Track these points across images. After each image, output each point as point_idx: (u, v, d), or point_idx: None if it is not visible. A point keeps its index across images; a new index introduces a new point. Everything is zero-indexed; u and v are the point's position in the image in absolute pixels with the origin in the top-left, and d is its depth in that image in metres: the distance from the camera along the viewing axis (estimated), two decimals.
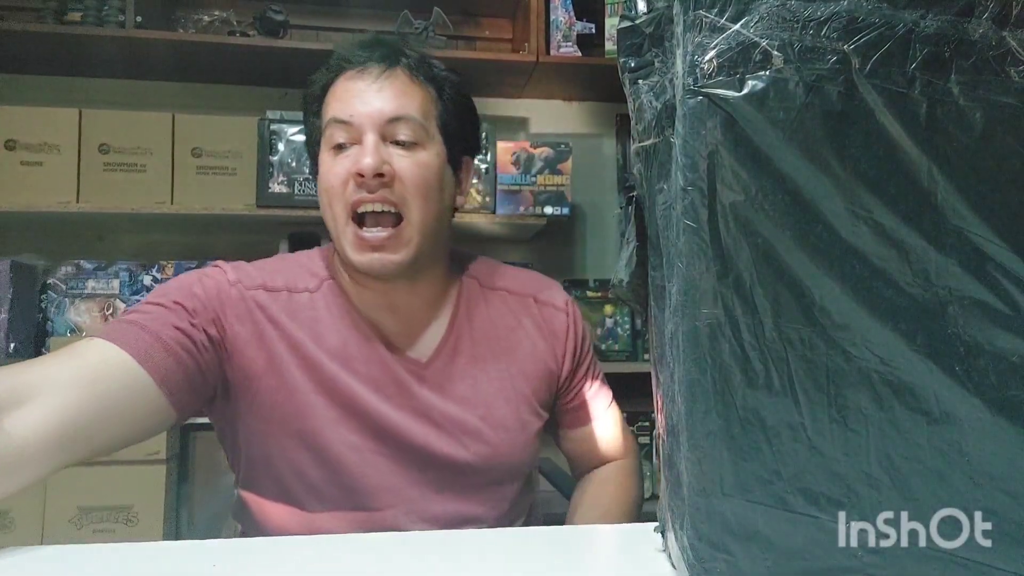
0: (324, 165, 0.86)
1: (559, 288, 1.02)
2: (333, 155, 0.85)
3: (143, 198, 1.94)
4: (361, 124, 0.83)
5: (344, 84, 0.86)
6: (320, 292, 0.88)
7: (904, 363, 0.43)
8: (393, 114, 0.84)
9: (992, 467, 0.43)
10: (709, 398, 0.43)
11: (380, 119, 0.83)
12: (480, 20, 2.38)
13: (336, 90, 0.86)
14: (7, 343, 1.84)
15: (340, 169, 0.83)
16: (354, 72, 0.86)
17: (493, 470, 0.89)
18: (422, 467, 0.87)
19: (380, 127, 0.83)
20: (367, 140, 0.83)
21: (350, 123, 0.83)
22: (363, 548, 0.59)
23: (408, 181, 0.83)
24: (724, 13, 0.43)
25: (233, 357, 0.83)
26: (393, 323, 0.89)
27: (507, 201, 2.12)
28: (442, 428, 0.87)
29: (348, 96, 0.85)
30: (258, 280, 0.87)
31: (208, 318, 0.81)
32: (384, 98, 0.84)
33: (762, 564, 0.43)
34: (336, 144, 0.84)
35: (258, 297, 0.85)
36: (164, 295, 0.81)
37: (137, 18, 1.94)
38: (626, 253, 0.56)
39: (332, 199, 0.84)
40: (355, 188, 0.82)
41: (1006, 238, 0.43)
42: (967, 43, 0.42)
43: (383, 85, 0.85)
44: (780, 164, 0.42)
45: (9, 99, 2.04)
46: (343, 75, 0.86)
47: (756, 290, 0.43)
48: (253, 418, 0.85)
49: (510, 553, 0.57)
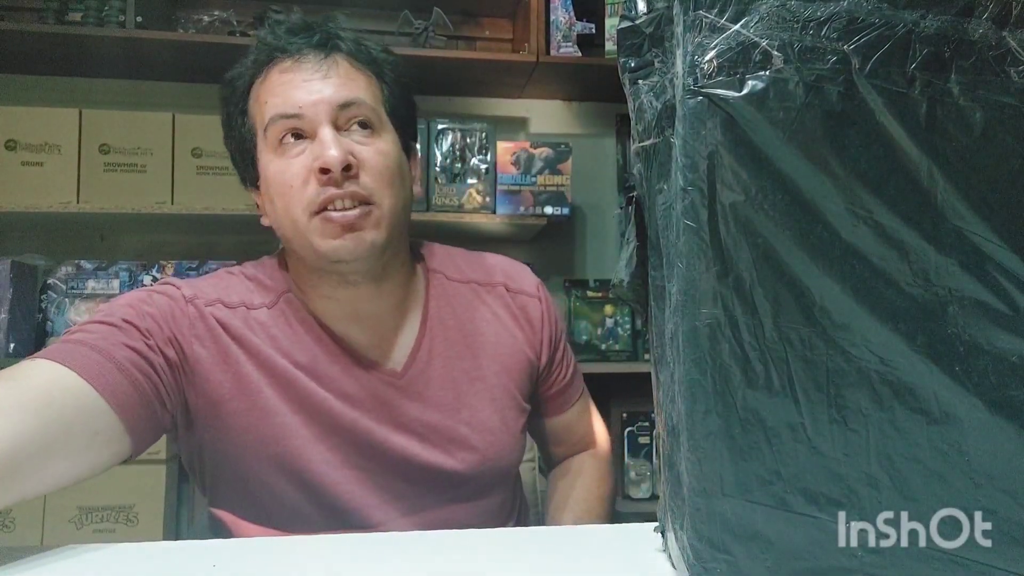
0: (271, 167, 0.78)
1: (528, 272, 0.97)
2: (281, 154, 0.77)
3: (143, 198, 1.94)
4: (312, 116, 0.76)
5: (279, 76, 0.78)
6: (278, 307, 0.82)
7: (904, 363, 0.43)
8: (344, 100, 0.76)
9: (992, 467, 0.43)
10: (709, 398, 0.43)
11: (331, 107, 0.76)
12: (480, 20, 2.38)
13: (269, 84, 0.78)
14: (7, 343, 1.84)
15: (297, 168, 0.76)
16: (289, 63, 0.78)
17: (482, 476, 0.86)
18: (408, 480, 0.82)
19: (332, 116, 0.76)
20: (323, 132, 0.75)
21: (299, 115, 0.76)
22: (363, 548, 0.59)
23: (373, 171, 0.77)
24: (724, 13, 0.43)
25: (196, 381, 0.77)
26: (361, 334, 0.83)
27: (507, 201, 2.12)
28: (426, 439, 0.83)
29: (288, 88, 0.77)
30: (213, 295, 0.80)
31: (164, 338, 0.74)
32: (331, 84, 0.77)
33: (762, 564, 0.43)
34: (281, 141, 0.77)
35: (216, 313, 0.79)
36: (110, 314, 0.73)
37: (137, 18, 1.94)
38: (626, 253, 0.56)
39: (290, 202, 0.76)
40: (318, 186, 0.74)
41: (1006, 238, 0.43)
42: (967, 43, 0.42)
43: (327, 71, 0.77)
44: (780, 164, 0.42)
45: (9, 99, 2.04)
46: (275, 67, 0.78)
47: (756, 290, 0.43)
48: (224, 443, 0.79)
49: (510, 553, 0.57)
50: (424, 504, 0.84)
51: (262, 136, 0.79)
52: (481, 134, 2.15)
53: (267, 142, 0.78)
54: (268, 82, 0.79)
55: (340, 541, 0.62)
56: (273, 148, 0.78)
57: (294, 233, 0.78)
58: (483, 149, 2.14)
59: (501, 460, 0.88)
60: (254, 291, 0.83)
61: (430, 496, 0.84)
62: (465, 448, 0.85)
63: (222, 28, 2.07)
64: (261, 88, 0.79)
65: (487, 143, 2.14)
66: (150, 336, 0.73)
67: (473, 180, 2.12)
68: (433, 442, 0.84)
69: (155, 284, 0.81)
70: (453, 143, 2.13)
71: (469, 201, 2.10)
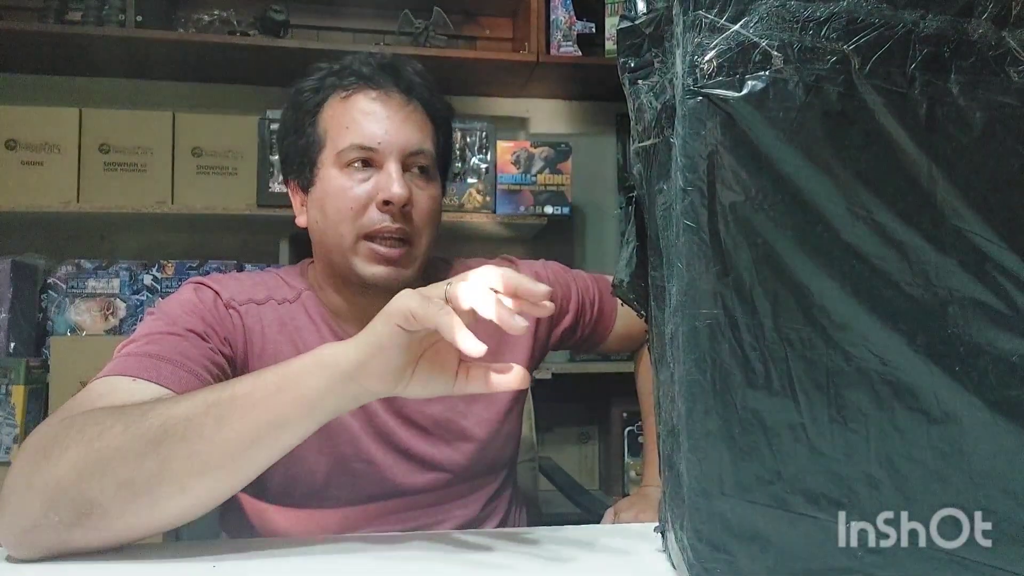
0: (335, 182, 0.84)
1: (521, 265, 1.01)
2: (348, 175, 0.83)
3: (144, 198, 1.94)
4: (386, 151, 0.83)
5: (365, 104, 0.85)
6: (299, 302, 0.88)
7: (904, 363, 0.43)
8: (416, 147, 0.85)
9: (992, 467, 0.43)
10: (709, 398, 0.43)
11: (405, 150, 0.84)
12: (480, 20, 2.37)
13: (352, 106, 0.85)
14: (7, 343, 1.84)
15: (359, 192, 0.82)
16: (375, 94, 0.85)
17: (477, 465, 0.90)
18: (408, 471, 0.87)
19: (402, 156, 0.84)
20: (391, 168, 0.82)
21: (375, 150, 0.83)
22: (363, 548, 0.60)
23: (423, 213, 0.85)
24: (724, 13, 0.43)
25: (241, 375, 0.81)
26: None
27: (507, 201, 2.11)
28: (428, 431, 0.88)
29: (371, 120, 0.84)
30: (244, 295, 0.85)
31: (219, 339, 0.79)
32: (409, 130, 0.85)
33: (762, 564, 0.43)
34: (351, 163, 0.83)
35: (251, 312, 0.84)
36: (172, 323, 0.76)
37: (137, 18, 1.94)
38: (626, 253, 0.56)
39: (343, 219, 0.82)
40: (375, 215, 0.82)
41: (1006, 238, 0.43)
42: (967, 43, 0.42)
43: (407, 115, 0.85)
44: (780, 164, 0.42)
45: (9, 99, 2.04)
46: (360, 93, 0.85)
47: (756, 290, 0.43)
48: None
49: (510, 553, 0.57)
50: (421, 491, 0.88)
51: (332, 152, 0.85)
52: (481, 133, 2.15)
53: (337, 159, 0.84)
54: (351, 104, 0.85)
55: (340, 541, 0.62)
56: (340, 167, 0.84)
57: (338, 247, 0.84)
58: (483, 148, 2.14)
59: (496, 450, 0.93)
60: (279, 287, 0.89)
61: (428, 487, 0.88)
62: (463, 438, 0.90)
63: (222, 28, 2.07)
64: (341, 107, 0.85)
65: (487, 142, 2.14)
66: (209, 339, 0.77)
67: (473, 179, 2.12)
68: (434, 433, 0.89)
69: (188, 285, 0.84)
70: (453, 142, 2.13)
71: (469, 200, 2.10)
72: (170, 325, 0.75)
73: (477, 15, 2.36)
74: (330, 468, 0.84)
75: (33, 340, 1.93)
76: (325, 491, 0.84)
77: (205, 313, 0.80)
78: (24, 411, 1.75)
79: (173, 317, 0.77)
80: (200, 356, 0.74)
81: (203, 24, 2.06)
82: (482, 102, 2.36)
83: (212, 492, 0.57)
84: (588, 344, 1.06)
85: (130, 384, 0.66)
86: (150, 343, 0.72)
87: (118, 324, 1.95)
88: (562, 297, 1.00)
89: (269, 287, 0.88)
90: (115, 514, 0.54)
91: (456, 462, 0.89)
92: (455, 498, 0.90)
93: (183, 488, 0.55)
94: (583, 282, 1.03)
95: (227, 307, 0.82)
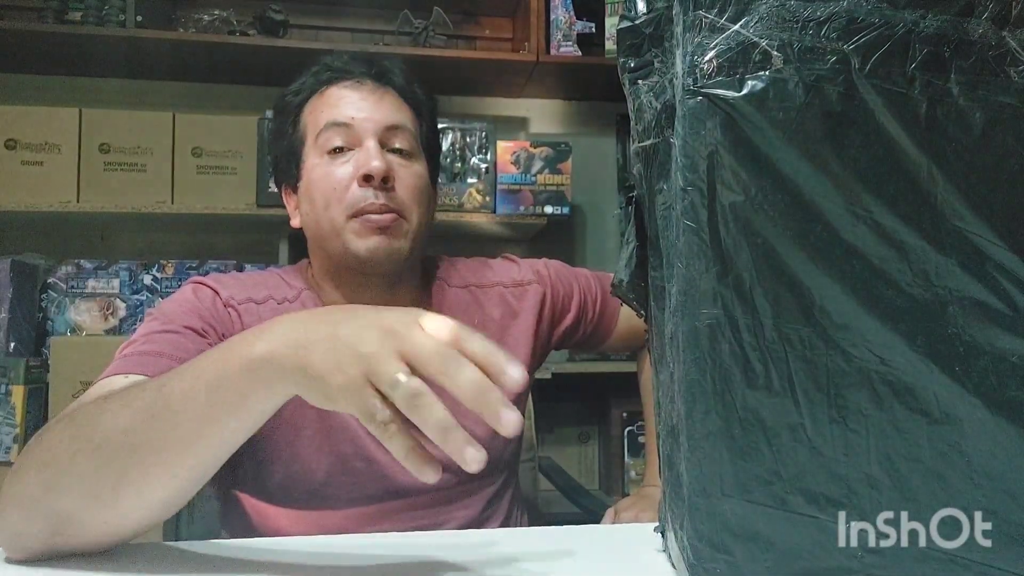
0: (318, 169, 0.85)
1: (523, 264, 1.02)
2: (330, 159, 0.84)
3: (143, 198, 1.94)
4: (361, 128, 0.84)
5: (338, 91, 0.87)
6: (299, 302, 0.88)
7: (904, 363, 0.43)
8: (392, 122, 0.86)
9: (992, 467, 0.43)
10: (709, 398, 0.43)
11: (379, 125, 0.85)
12: (480, 20, 2.37)
13: (328, 97, 0.87)
14: (7, 342, 1.84)
15: (341, 173, 0.83)
16: (349, 83, 0.87)
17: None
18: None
19: (379, 133, 0.84)
20: (369, 144, 0.83)
21: (350, 126, 0.84)
22: (364, 548, 0.60)
23: (407, 188, 0.85)
24: (724, 13, 0.43)
25: None
26: None
27: (507, 201, 2.11)
28: None
29: (344, 102, 0.86)
30: (244, 294, 0.85)
31: (218, 336, 0.79)
32: (383, 108, 0.86)
33: (762, 564, 0.43)
34: (332, 148, 0.84)
35: (250, 311, 0.84)
36: (169, 321, 0.77)
37: (137, 17, 1.94)
38: (626, 253, 0.56)
39: (330, 202, 0.83)
40: (359, 192, 0.82)
41: (1006, 238, 0.43)
42: (967, 43, 0.42)
43: (380, 96, 0.87)
44: (780, 164, 0.42)
45: (9, 99, 2.04)
46: (334, 85, 0.87)
47: (756, 290, 0.43)
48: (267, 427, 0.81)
49: (510, 553, 0.57)
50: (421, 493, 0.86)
51: (312, 142, 0.86)
52: (481, 133, 2.15)
53: (317, 147, 0.85)
54: (326, 96, 0.87)
55: (340, 541, 0.62)
56: (321, 154, 0.85)
57: (330, 231, 0.84)
58: (483, 148, 2.14)
59: (494, 450, 0.91)
60: (279, 286, 0.89)
61: (429, 488, 0.86)
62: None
63: (222, 28, 2.07)
64: (318, 101, 0.87)
65: (487, 142, 2.14)
66: (207, 336, 0.77)
67: (473, 179, 2.12)
68: None
69: (188, 285, 0.84)
70: (453, 142, 2.13)
71: (469, 200, 2.10)
72: (168, 324, 0.76)
73: (477, 15, 2.36)
74: (330, 467, 0.83)
75: (33, 340, 1.93)
76: (325, 490, 0.84)
77: (203, 311, 0.80)
78: (24, 411, 1.75)
79: (171, 316, 0.78)
80: (196, 350, 0.72)
81: (203, 24, 2.06)
82: (482, 102, 2.36)
83: (173, 494, 0.54)
84: (591, 343, 1.07)
85: (123, 383, 0.65)
86: (147, 342, 0.73)
87: (118, 324, 1.95)
88: (564, 296, 1.01)
89: (269, 286, 0.88)
90: (89, 523, 0.53)
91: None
92: (456, 499, 0.89)
93: (141, 495, 0.53)
94: (585, 281, 1.04)
95: (226, 306, 0.82)
